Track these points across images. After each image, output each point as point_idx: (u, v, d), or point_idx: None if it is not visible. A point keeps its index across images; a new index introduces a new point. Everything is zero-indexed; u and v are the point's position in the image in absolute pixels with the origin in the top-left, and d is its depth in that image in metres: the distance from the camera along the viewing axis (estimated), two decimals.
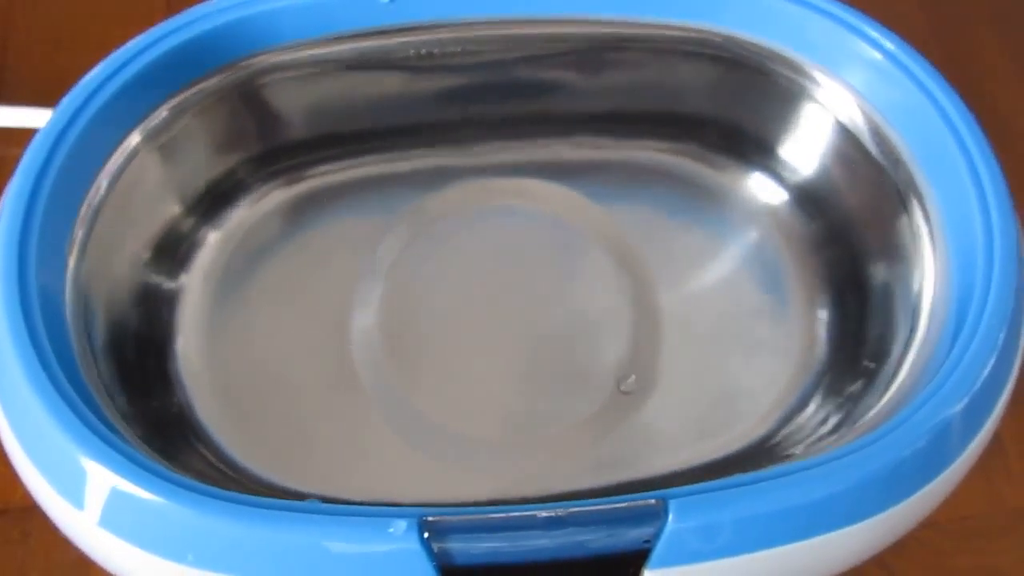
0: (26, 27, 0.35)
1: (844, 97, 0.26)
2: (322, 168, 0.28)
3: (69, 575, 0.26)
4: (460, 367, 0.26)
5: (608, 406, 0.26)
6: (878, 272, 0.26)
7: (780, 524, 0.20)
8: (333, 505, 0.19)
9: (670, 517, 0.19)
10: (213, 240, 0.27)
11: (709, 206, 0.28)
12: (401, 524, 0.19)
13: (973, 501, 0.27)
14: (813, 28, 0.26)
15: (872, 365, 0.24)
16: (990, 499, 0.28)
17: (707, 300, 0.27)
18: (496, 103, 0.28)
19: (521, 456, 0.25)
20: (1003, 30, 0.36)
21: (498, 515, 0.19)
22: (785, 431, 0.25)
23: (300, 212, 0.28)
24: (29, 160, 0.23)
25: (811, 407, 0.25)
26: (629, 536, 0.19)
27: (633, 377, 0.25)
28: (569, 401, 0.26)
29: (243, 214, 0.28)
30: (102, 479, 0.20)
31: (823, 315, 0.27)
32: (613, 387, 0.26)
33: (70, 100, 0.24)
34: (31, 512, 0.26)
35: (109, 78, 0.24)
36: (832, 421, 0.25)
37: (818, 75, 0.27)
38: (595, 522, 0.19)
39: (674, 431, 0.26)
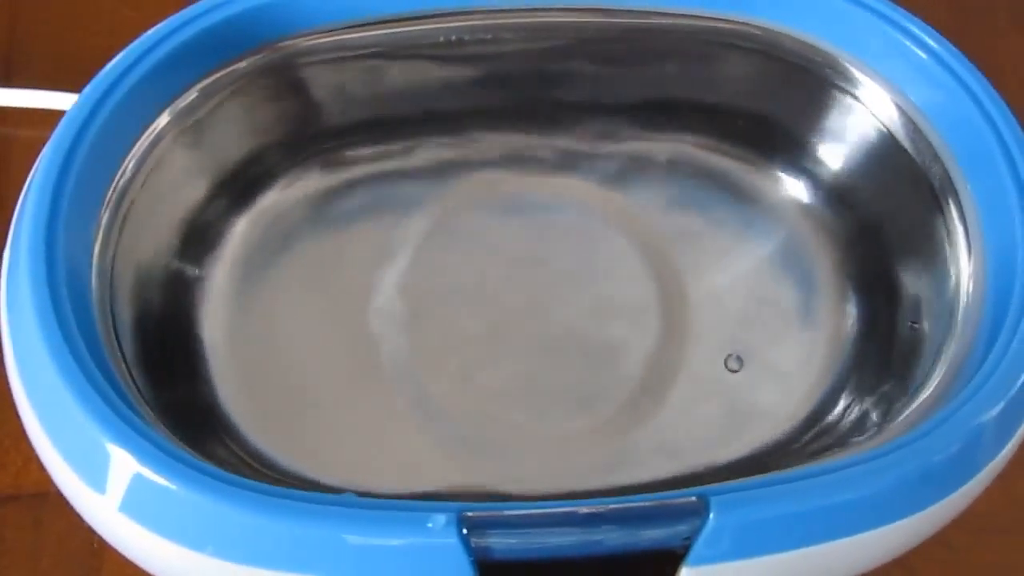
0: (35, 7, 0.35)
1: (881, 93, 0.26)
2: (351, 154, 0.28)
3: (82, 562, 0.25)
4: (484, 359, 0.26)
5: (634, 403, 0.26)
6: (911, 270, 0.26)
7: (816, 523, 0.20)
8: (367, 499, 0.19)
9: (711, 515, 0.19)
10: (239, 226, 0.27)
11: (740, 199, 0.28)
12: (440, 519, 0.18)
13: (990, 497, 0.27)
14: (853, 23, 0.26)
15: (904, 362, 0.24)
16: (1007, 495, 0.28)
17: (736, 295, 0.27)
18: (525, 92, 0.28)
19: (546, 448, 0.25)
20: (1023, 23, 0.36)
21: (538, 511, 0.19)
22: (814, 430, 0.25)
23: (328, 198, 0.28)
24: (56, 141, 0.23)
25: (840, 406, 0.25)
26: (669, 533, 0.19)
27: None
28: (595, 395, 0.26)
29: (270, 199, 0.27)
30: (125, 464, 0.20)
31: (853, 312, 0.27)
32: (644, 374, 0.26)
33: (99, 81, 0.23)
34: (43, 499, 0.26)
35: (140, 59, 0.24)
36: (864, 421, 0.25)
37: (855, 70, 0.26)
38: (635, 519, 0.19)
39: (701, 427, 0.25)
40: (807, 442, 0.25)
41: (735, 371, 0.26)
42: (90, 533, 0.22)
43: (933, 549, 0.26)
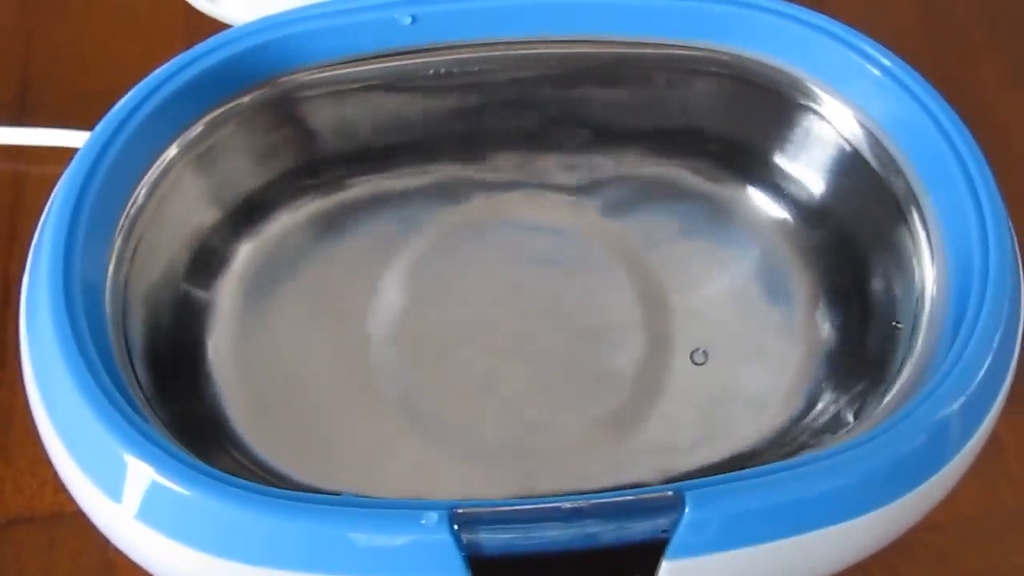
0: (48, 48, 0.36)
1: (844, 111, 0.27)
2: (350, 182, 0.29)
3: None
4: (478, 372, 0.27)
5: (621, 409, 0.27)
6: (880, 277, 0.27)
7: (790, 516, 0.21)
8: (366, 498, 0.20)
9: (686, 508, 0.20)
10: (244, 250, 0.28)
11: (716, 217, 0.29)
12: (432, 516, 0.19)
13: (974, 502, 0.28)
14: (815, 47, 0.27)
15: (876, 363, 0.25)
16: (991, 500, 0.28)
17: (715, 307, 0.28)
18: (512, 120, 0.29)
19: (536, 458, 0.26)
20: (999, 43, 0.37)
21: (524, 507, 0.20)
22: (793, 431, 0.26)
23: (329, 224, 0.29)
24: (73, 173, 0.24)
25: (817, 408, 0.26)
26: (648, 527, 0.20)
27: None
28: (583, 405, 0.27)
29: (274, 224, 0.29)
30: (141, 473, 0.21)
31: (828, 318, 0.28)
32: (631, 381, 0.27)
33: (112, 117, 0.25)
34: (58, 520, 0.27)
35: (150, 95, 0.25)
36: (838, 420, 0.26)
37: (820, 91, 0.28)
38: (616, 513, 0.20)
39: (684, 434, 0.26)
40: (787, 442, 0.26)
41: (710, 370, 0.27)
42: (103, 552, 0.23)
43: (922, 553, 0.27)
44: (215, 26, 0.33)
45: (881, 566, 0.27)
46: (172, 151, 0.26)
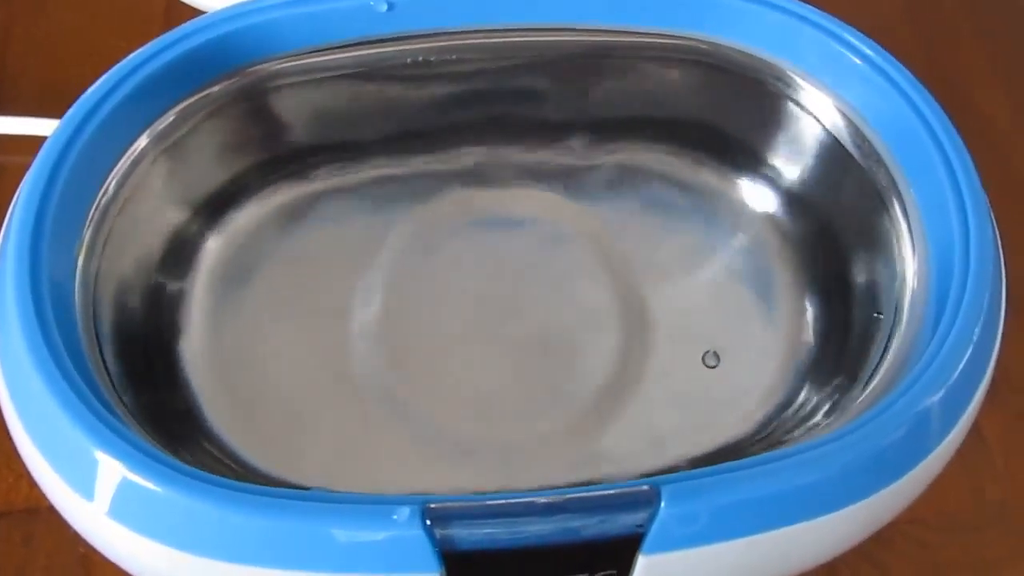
0: (25, 38, 0.36)
1: (826, 101, 0.27)
2: (324, 173, 0.29)
3: (71, 574, 0.26)
4: (455, 367, 0.27)
5: (600, 403, 0.27)
6: (862, 269, 0.27)
7: (768, 510, 0.20)
8: (338, 493, 0.20)
9: (662, 503, 0.20)
10: (218, 242, 0.28)
11: (698, 208, 0.29)
12: (404, 511, 0.19)
13: (958, 497, 0.28)
14: (796, 36, 0.27)
15: (857, 354, 0.25)
16: (974, 494, 0.28)
17: (697, 298, 0.28)
18: (490, 110, 0.29)
19: (515, 452, 0.26)
20: (984, 34, 0.37)
21: (498, 502, 0.20)
22: (774, 424, 0.26)
23: (303, 215, 0.29)
24: (41, 164, 0.24)
25: (799, 400, 0.26)
26: (623, 521, 0.20)
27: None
28: (562, 399, 0.27)
29: (247, 217, 0.28)
30: (112, 470, 0.20)
31: (810, 310, 0.28)
32: (611, 375, 0.27)
33: (80, 105, 0.25)
34: (34, 515, 0.27)
35: (119, 84, 0.25)
36: (820, 413, 0.25)
37: (801, 81, 0.27)
38: (590, 508, 0.20)
39: (665, 426, 0.26)
40: (768, 434, 0.26)
41: (712, 367, 0.27)
42: (79, 547, 0.22)
43: (905, 547, 0.27)
44: (195, 15, 0.33)
45: (865, 559, 0.27)
46: (143, 141, 0.26)
